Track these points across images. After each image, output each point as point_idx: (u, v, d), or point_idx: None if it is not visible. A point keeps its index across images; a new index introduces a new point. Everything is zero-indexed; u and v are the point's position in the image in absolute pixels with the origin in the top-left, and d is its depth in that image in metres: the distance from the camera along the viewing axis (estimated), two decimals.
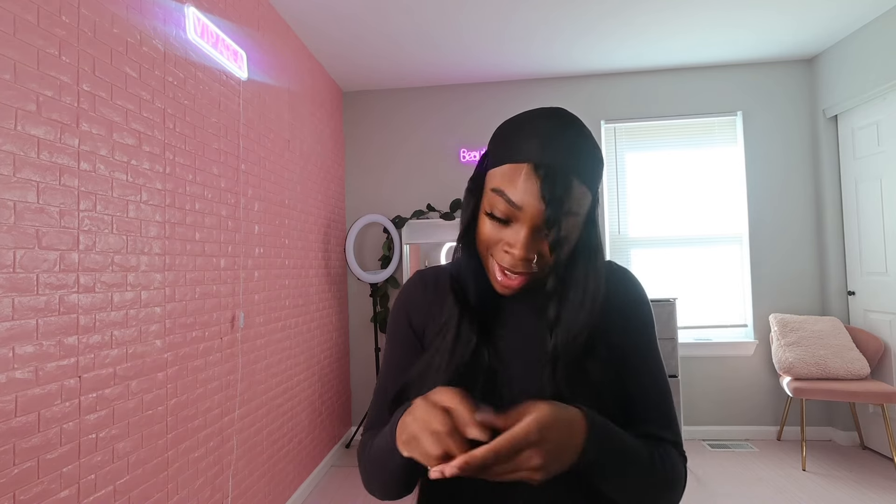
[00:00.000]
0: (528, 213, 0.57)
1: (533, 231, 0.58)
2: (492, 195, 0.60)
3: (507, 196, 0.58)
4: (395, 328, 0.74)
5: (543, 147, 0.57)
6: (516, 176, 0.57)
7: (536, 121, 0.60)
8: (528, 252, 0.58)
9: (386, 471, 0.62)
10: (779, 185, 3.37)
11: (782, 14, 2.76)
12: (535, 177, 0.56)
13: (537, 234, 0.58)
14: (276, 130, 2.49)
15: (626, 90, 3.50)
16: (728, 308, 3.45)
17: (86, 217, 1.31)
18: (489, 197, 0.61)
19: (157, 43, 1.61)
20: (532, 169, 0.57)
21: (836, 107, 3.15)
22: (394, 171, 3.66)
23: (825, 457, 2.96)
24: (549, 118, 0.60)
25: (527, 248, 0.58)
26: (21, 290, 1.13)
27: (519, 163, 0.58)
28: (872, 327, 3.00)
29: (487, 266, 0.64)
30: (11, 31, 1.12)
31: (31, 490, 1.13)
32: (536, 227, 0.58)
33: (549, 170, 0.56)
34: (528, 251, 0.58)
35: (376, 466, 0.63)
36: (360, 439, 0.73)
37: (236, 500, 1.99)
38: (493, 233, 0.61)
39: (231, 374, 1.99)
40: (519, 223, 0.58)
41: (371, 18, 2.67)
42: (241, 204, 2.12)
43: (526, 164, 0.57)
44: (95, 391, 1.32)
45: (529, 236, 0.58)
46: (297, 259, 2.72)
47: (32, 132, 1.17)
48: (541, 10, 2.64)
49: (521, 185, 0.57)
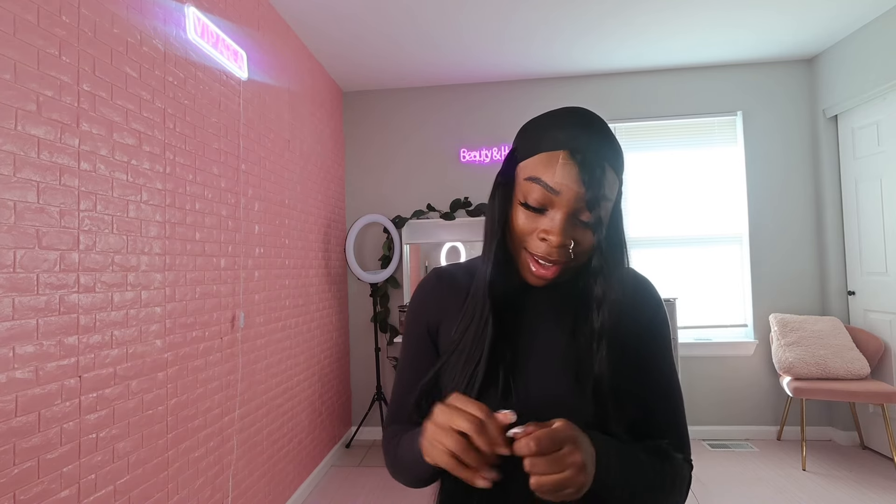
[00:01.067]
0: (565, 198, 0.58)
1: (569, 216, 0.59)
2: (526, 184, 0.61)
3: (543, 182, 0.59)
4: (411, 325, 0.75)
5: (576, 136, 0.59)
6: (552, 162, 0.59)
7: (563, 116, 0.62)
8: (565, 238, 0.59)
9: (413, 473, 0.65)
10: (779, 185, 3.37)
11: (782, 14, 2.76)
12: (572, 162, 0.58)
13: (573, 219, 0.59)
14: (276, 130, 2.49)
15: (626, 90, 3.50)
16: (728, 308, 3.45)
17: (86, 217, 1.31)
18: (523, 187, 0.61)
19: (157, 43, 1.61)
20: (569, 155, 0.58)
21: (836, 107, 3.15)
22: (394, 171, 3.66)
23: (825, 457, 2.96)
24: (574, 114, 0.62)
25: (563, 234, 0.58)
26: (21, 289, 1.13)
27: (553, 150, 0.59)
28: (872, 327, 3.00)
29: (520, 259, 0.64)
30: (11, 31, 1.12)
31: (31, 490, 1.13)
32: (573, 212, 0.59)
33: (585, 155, 0.58)
34: (564, 237, 0.59)
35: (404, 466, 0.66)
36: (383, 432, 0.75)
37: (236, 500, 1.99)
38: (527, 223, 0.61)
39: (231, 374, 1.99)
40: (555, 209, 0.59)
41: (371, 18, 2.67)
42: (241, 204, 2.12)
43: (562, 150, 0.59)
44: (95, 391, 1.32)
45: (566, 221, 0.59)
46: (297, 259, 2.72)
47: (32, 132, 1.17)
48: (541, 10, 2.64)
49: (558, 171, 0.58)
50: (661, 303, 0.71)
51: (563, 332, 0.66)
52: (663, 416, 0.68)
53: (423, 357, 0.72)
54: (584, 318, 0.65)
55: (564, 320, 0.67)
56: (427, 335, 0.73)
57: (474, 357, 0.64)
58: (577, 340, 0.65)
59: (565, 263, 0.61)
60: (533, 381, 0.65)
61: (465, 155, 3.58)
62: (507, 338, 0.66)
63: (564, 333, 0.66)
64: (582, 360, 0.63)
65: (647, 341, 0.68)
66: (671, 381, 0.69)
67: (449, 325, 0.70)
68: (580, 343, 0.64)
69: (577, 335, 0.65)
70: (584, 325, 0.65)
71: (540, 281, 0.63)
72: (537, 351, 0.66)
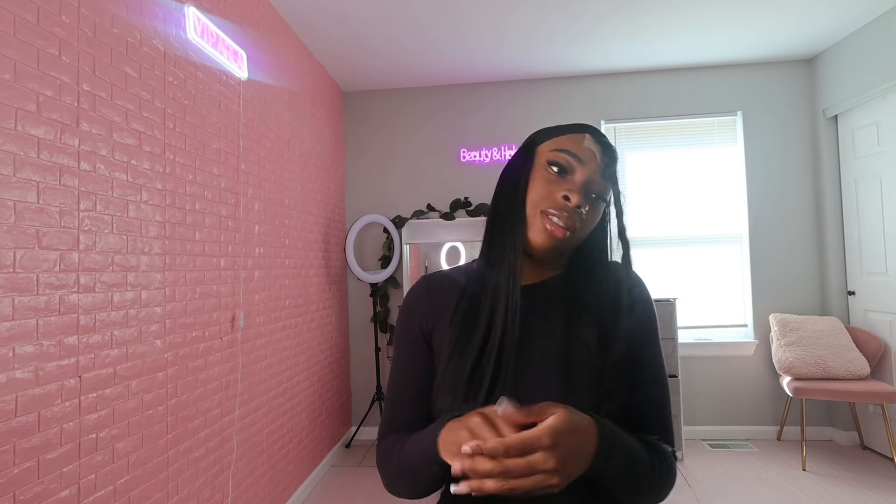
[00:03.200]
0: (589, 167, 0.67)
1: (588, 182, 0.67)
2: (553, 154, 0.68)
3: (571, 152, 0.67)
4: (403, 332, 0.75)
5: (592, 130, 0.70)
6: (578, 140, 0.68)
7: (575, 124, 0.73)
8: (582, 200, 0.65)
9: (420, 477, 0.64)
10: (779, 185, 3.37)
11: (782, 14, 2.76)
12: (595, 141, 0.69)
13: (588, 188, 0.67)
14: (276, 130, 2.49)
15: (626, 90, 3.50)
16: (728, 308, 3.45)
17: (86, 217, 1.31)
18: (548, 156, 0.69)
19: (157, 43, 1.61)
20: (593, 137, 0.69)
21: (836, 107, 3.15)
22: (394, 171, 3.66)
23: (825, 457, 2.96)
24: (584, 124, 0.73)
25: (582, 194, 0.66)
26: (21, 290, 1.13)
27: (579, 133, 0.69)
28: (872, 327, 3.00)
29: (534, 222, 0.67)
30: (11, 31, 1.12)
31: (31, 490, 1.13)
32: (591, 179, 0.67)
33: (604, 140, 0.70)
34: (582, 198, 0.65)
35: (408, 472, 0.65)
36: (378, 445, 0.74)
37: (236, 500, 1.99)
38: (549, 186, 0.67)
39: (231, 374, 1.99)
40: (578, 174, 0.67)
41: (372, 18, 2.67)
42: (241, 204, 2.12)
43: (585, 134, 0.69)
44: (95, 391, 1.32)
45: (585, 185, 0.66)
46: (297, 259, 2.72)
47: (32, 132, 1.17)
48: (541, 10, 2.64)
49: (585, 145, 0.68)
50: (650, 299, 0.74)
51: (556, 332, 0.67)
52: (647, 402, 0.69)
53: (417, 364, 0.72)
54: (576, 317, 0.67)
55: (558, 320, 0.68)
56: (421, 341, 0.73)
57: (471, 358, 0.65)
58: (571, 339, 0.66)
59: (573, 230, 0.65)
60: (529, 380, 0.65)
61: (465, 155, 3.58)
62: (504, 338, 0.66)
63: (558, 333, 0.67)
64: (576, 359, 0.65)
65: (635, 335, 0.69)
66: (657, 370, 0.71)
67: (443, 330, 0.71)
68: (574, 342, 0.66)
69: (571, 334, 0.66)
70: (577, 324, 0.66)
71: (549, 240, 0.66)
72: (532, 350, 0.67)
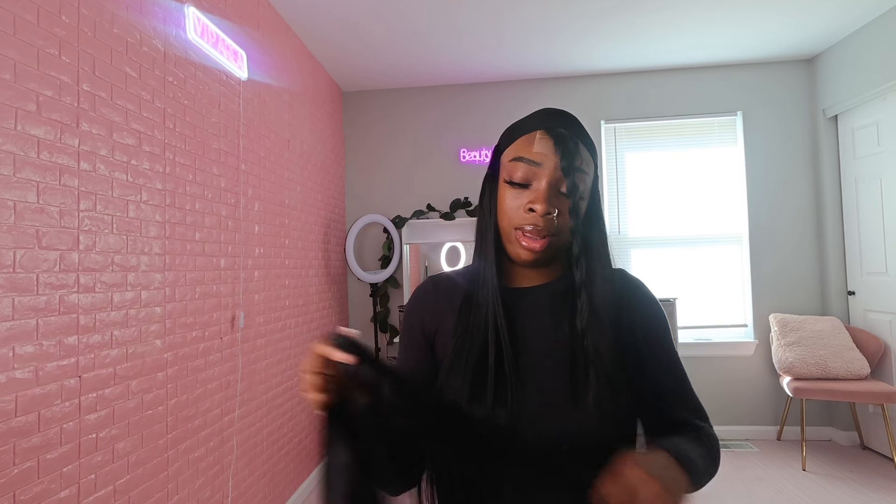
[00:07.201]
0: (546, 168, 0.63)
1: (552, 185, 0.63)
2: (510, 165, 0.66)
3: (525, 158, 0.64)
4: (407, 332, 0.75)
5: (548, 119, 0.67)
6: (530, 141, 0.65)
7: (536, 112, 0.69)
8: (549, 206, 0.63)
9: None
10: (779, 185, 3.37)
11: (782, 14, 2.76)
12: (547, 137, 0.64)
13: (555, 190, 0.64)
14: (276, 130, 2.49)
15: (626, 90, 3.50)
16: (728, 308, 3.45)
17: (86, 217, 1.31)
18: (507, 168, 0.67)
19: (157, 43, 1.61)
20: (544, 132, 0.65)
21: (836, 107, 3.15)
22: (394, 171, 3.66)
23: (825, 457, 2.96)
24: (545, 109, 0.69)
25: (548, 201, 0.63)
26: (21, 290, 1.13)
27: (531, 132, 0.66)
28: (872, 327, 3.00)
29: (511, 239, 0.66)
30: (11, 31, 1.12)
31: (31, 490, 1.13)
32: (554, 181, 0.63)
33: (558, 132, 0.65)
34: (549, 204, 0.63)
35: None
36: None
37: (236, 500, 1.99)
38: (514, 199, 0.65)
39: (231, 374, 1.99)
40: (538, 181, 0.64)
41: (371, 19, 2.67)
42: (241, 204, 2.12)
43: (537, 131, 0.65)
44: (95, 391, 1.32)
45: (549, 189, 0.63)
46: (297, 259, 2.72)
47: (32, 132, 1.17)
48: (540, 9, 2.64)
49: (536, 146, 0.64)
50: (655, 299, 0.73)
51: (558, 334, 0.67)
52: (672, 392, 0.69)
53: (422, 363, 0.73)
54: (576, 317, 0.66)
55: (559, 321, 0.68)
56: (423, 341, 0.73)
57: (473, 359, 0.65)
58: (572, 341, 0.65)
59: (552, 236, 0.64)
60: (531, 382, 0.65)
61: (465, 155, 3.58)
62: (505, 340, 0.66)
63: (560, 334, 0.67)
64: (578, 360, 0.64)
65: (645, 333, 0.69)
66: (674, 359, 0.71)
67: (446, 331, 0.71)
68: (575, 343, 0.65)
69: (572, 336, 0.66)
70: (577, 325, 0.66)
71: (529, 255, 0.65)
72: (534, 352, 0.67)
